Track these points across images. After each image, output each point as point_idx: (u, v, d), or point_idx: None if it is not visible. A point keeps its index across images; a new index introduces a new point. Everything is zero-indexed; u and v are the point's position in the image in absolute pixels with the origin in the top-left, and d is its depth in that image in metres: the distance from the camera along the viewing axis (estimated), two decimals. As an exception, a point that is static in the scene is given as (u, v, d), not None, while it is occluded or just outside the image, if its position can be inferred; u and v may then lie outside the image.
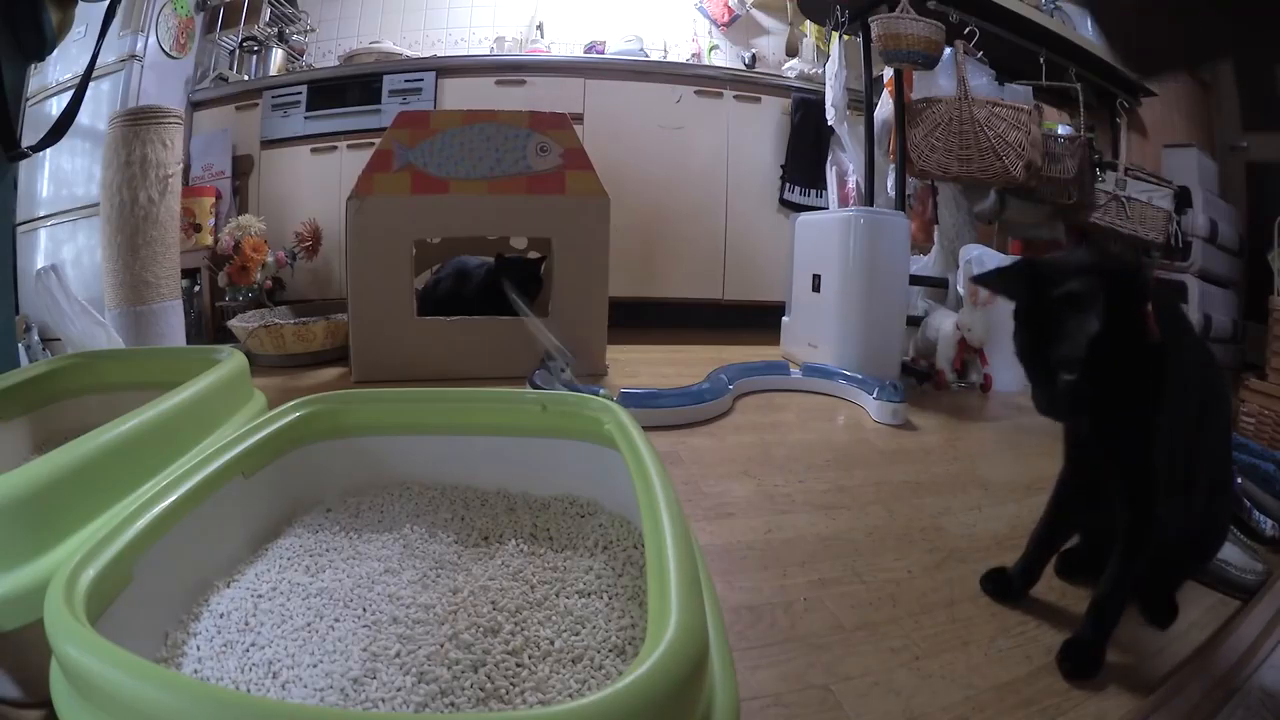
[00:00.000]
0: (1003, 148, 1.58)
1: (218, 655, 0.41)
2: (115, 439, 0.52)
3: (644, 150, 2.16)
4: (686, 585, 0.33)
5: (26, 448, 0.77)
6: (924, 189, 1.98)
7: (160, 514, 0.42)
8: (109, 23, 1.06)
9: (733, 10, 2.62)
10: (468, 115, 1.48)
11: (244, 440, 0.54)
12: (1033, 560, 0.65)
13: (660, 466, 0.49)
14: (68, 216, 2.10)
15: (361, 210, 1.39)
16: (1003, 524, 0.84)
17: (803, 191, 2.26)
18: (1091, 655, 0.55)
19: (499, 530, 0.59)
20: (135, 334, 1.56)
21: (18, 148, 0.90)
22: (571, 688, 0.39)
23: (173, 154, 1.61)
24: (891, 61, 1.63)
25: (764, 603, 0.64)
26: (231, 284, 1.88)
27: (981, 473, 1.04)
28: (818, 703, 0.51)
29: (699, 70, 2.27)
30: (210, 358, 0.78)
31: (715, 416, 1.24)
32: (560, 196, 1.47)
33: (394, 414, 0.65)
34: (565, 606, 0.47)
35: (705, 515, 0.83)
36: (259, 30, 2.39)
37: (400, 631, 0.43)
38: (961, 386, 1.59)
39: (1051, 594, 0.68)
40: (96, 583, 0.35)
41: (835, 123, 2.06)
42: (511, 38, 2.58)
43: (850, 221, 1.53)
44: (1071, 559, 0.70)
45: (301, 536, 0.56)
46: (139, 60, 2.08)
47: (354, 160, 2.04)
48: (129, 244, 1.56)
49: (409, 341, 1.44)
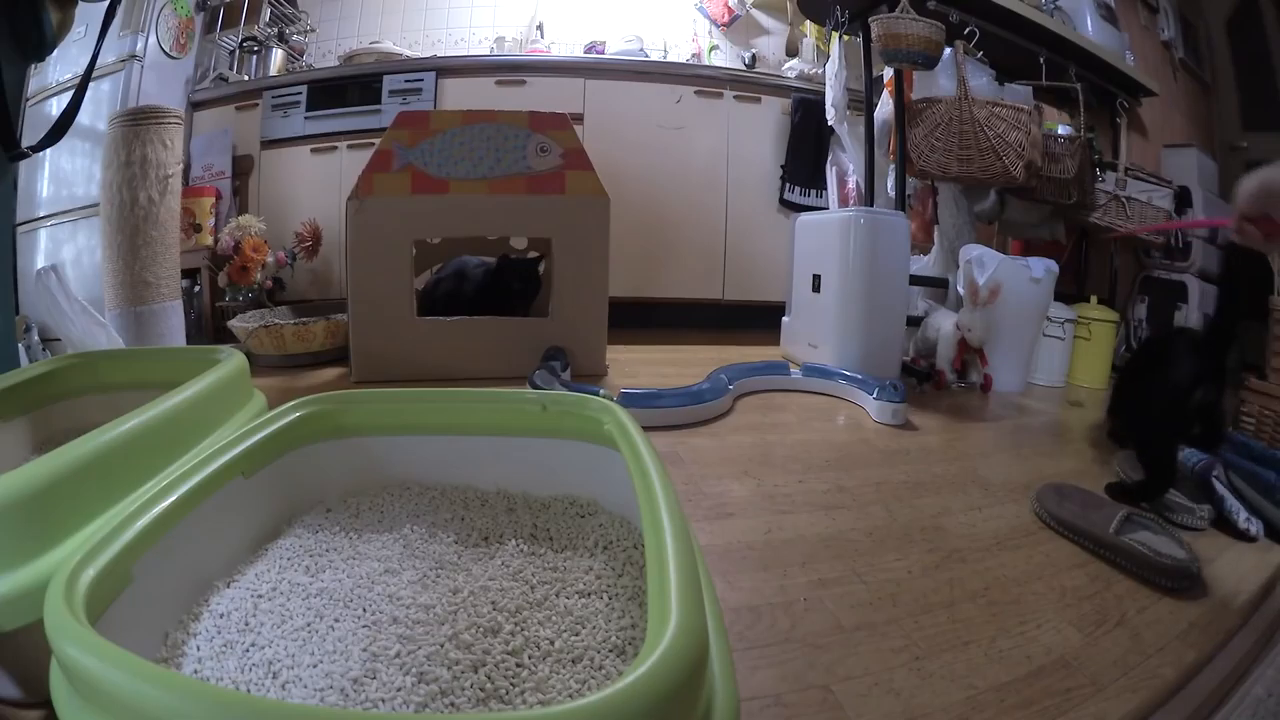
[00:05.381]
0: (1003, 148, 1.58)
1: (218, 655, 0.41)
2: (115, 439, 0.52)
3: (644, 150, 2.16)
4: (686, 585, 0.33)
5: (26, 448, 0.76)
6: (924, 189, 1.98)
7: (160, 514, 0.42)
8: (109, 23, 1.06)
9: (733, 10, 2.62)
10: (467, 115, 1.48)
11: (244, 440, 0.54)
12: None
13: (660, 466, 0.49)
14: (68, 216, 2.10)
15: (361, 210, 1.39)
16: (1003, 524, 0.84)
17: (803, 191, 2.26)
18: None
19: (499, 530, 0.59)
20: (135, 334, 1.56)
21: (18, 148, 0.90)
22: (571, 688, 0.39)
23: (173, 154, 1.61)
24: (891, 61, 1.63)
25: (764, 603, 0.64)
26: (231, 284, 1.88)
27: (981, 473, 1.04)
28: (818, 703, 0.51)
29: (699, 70, 2.27)
30: (210, 358, 0.78)
31: (715, 417, 1.24)
32: (560, 196, 1.47)
33: (394, 414, 0.65)
34: (565, 606, 0.47)
35: (705, 515, 0.83)
36: (259, 30, 2.39)
37: (400, 632, 0.43)
38: (961, 386, 1.59)
39: (1052, 594, 0.68)
40: (96, 583, 0.35)
41: (835, 123, 2.06)
42: (511, 38, 2.58)
43: (850, 221, 1.53)
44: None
45: (301, 537, 0.56)
46: (139, 60, 2.08)
47: (354, 160, 2.04)
48: (129, 244, 1.56)
49: (409, 341, 1.44)
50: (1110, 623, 0.63)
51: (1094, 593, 0.69)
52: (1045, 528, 0.84)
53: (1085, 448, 1.22)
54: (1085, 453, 1.18)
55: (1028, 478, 1.00)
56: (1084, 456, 1.14)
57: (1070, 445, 1.24)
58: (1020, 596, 0.67)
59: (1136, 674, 0.55)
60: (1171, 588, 0.69)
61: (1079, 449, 1.21)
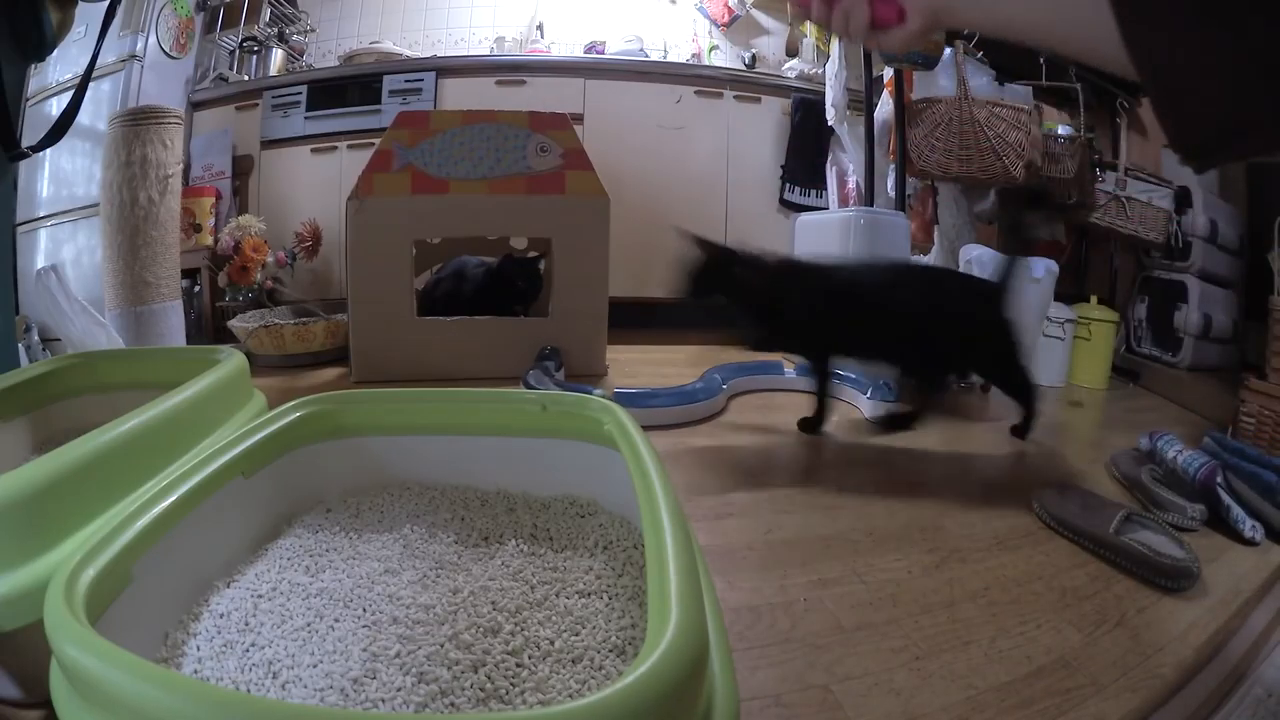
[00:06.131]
0: (1003, 148, 1.58)
1: (218, 655, 0.41)
2: (115, 439, 0.52)
3: (644, 150, 2.16)
4: (686, 585, 0.33)
5: (26, 448, 0.76)
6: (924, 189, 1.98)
7: (160, 514, 0.42)
8: (109, 23, 1.06)
9: (733, 10, 2.62)
10: (467, 115, 1.48)
11: (244, 440, 0.54)
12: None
13: (660, 466, 0.49)
14: (68, 216, 2.10)
15: (361, 210, 1.39)
16: (1003, 524, 0.84)
17: (803, 192, 2.26)
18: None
19: (499, 530, 0.59)
20: (135, 334, 1.56)
21: (18, 148, 0.90)
22: (571, 688, 0.39)
23: (173, 154, 1.61)
24: (891, 62, 1.63)
25: (764, 603, 0.64)
26: (231, 284, 1.88)
27: (981, 473, 1.04)
28: (818, 703, 0.51)
29: (699, 70, 2.27)
30: (210, 358, 0.78)
31: (709, 416, 1.24)
32: (560, 196, 1.47)
33: (394, 414, 0.65)
34: (565, 606, 0.47)
35: (705, 515, 0.83)
36: (259, 30, 2.38)
37: (400, 632, 0.43)
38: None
39: (1052, 594, 0.68)
40: (96, 583, 0.35)
41: (835, 123, 2.06)
42: (511, 38, 2.58)
43: (850, 222, 1.53)
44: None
45: (301, 537, 0.56)
46: (139, 60, 2.08)
47: (354, 160, 2.04)
48: (129, 244, 1.56)
49: (409, 341, 1.44)
50: (1110, 623, 0.63)
51: (1094, 593, 0.69)
52: (1045, 528, 0.84)
53: (1085, 448, 1.22)
54: (1085, 453, 1.18)
55: (1028, 478, 1.00)
56: (1084, 456, 1.14)
57: (1070, 445, 1.24)
58: (1020, 596, 0.67)
59: (1136, 674, 0.55)
60: (1171, 588, 0.69)
61: (1079, 449, 1.21)
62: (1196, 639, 0.61)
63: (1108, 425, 1.44)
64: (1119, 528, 0.75)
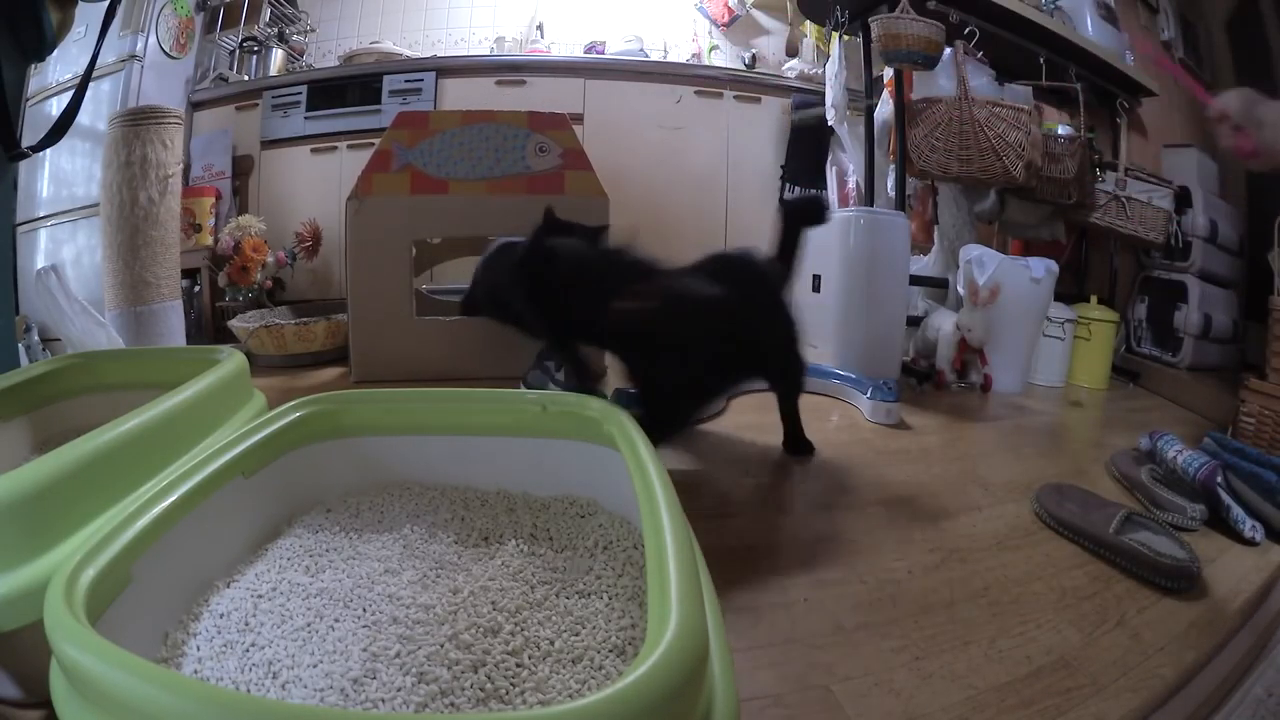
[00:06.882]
0: (1003, 148, 1.58)
1: (218, 655, 0.41)
2: (115, 439, 0.52)
3: (644, 150, 2.16)
4: (686, 585, 0.33)
5: (26, 448, 0.76)
6: (924, 189, 1.98)
7: (160, 514, 0.42)
8: (109, 23, 1.06)
9: (733, 10, 2.62)
10: (467, 115, 1.48)
11: (244, 440, 0.54)
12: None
13: (660, 466, 0.49)
14: (68, 216, 2.10)
15: (361, 210, 1.39)
16: (1003, 524, 0.84)
17: (803, 192, 2.26)
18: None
19: (499, 530, 0.59)
20: (135, 334, 1.56)
21: (18, 148, 0.90)
22: (571, 688, 0.39)
23: (173, 154, 1.61)
24: (891, 61, 1.63)
25: (764, 603, 0.64)
26: (231, 284, 1.88)
27: (981, 473, 1.04)
28: (818, 703, 0.51)
29: (699, 70, 2.27)
30: (210, 358, 0.78)
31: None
32: (560, 197, 1.46)
33: (394, 414, 0.65)
34: (565, 607, 0.47)
35: (705, 515, 0.83)
36: (259, 30, 2.39)
37: (400, 632, 0.43)
38: (961, 386, 1.59)
39: (1052, 594, 0.68)
40: (96, 583, 0.35)
41: (835, 123, 2.06)
42: (511, 38, 2.58)
43: (850, 221, 1.53)
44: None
45: (301, 537, 0.56)
46: (139, 60, 2.08)
47: (354, 160, 2.04)
48: (129, 244, 1.56)
49: (409, 341, 1.44)
50: (1110, 623, 0.63)
51: (1094, 593, 0.68)
52: (1045, 528, 0.84)
53: (1085, 448, 1.22)
54: (1085, 453, 1.18)
55: (1028, 478, 1.00)
56: (1084, 456, 1.14)
57: (1070, 445, 1.24)
58: (1020, 596, 0.67)
59: (1136, 674, 0.55)
60: (1171, 588, 0.69)
61: (1079, 449, 1.21)
62: (1196, 639, 0.61)
63: (1108, 425, 1.44)
64: (1119, 528, 0.75)
